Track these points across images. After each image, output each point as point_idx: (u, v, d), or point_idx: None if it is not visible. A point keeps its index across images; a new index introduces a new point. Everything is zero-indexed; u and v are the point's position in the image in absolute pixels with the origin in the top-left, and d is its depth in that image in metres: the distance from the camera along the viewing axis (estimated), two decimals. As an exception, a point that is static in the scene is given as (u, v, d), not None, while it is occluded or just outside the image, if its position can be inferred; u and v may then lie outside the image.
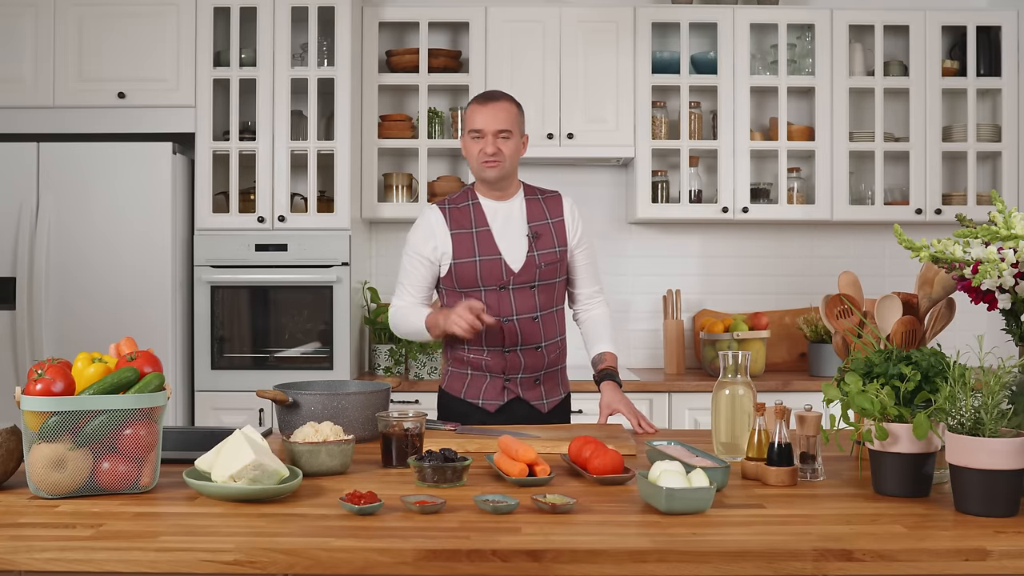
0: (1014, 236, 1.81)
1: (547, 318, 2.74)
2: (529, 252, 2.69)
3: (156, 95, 3.99)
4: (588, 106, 4.18)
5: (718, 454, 2.17)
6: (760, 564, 1.45)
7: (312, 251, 3.97)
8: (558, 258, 2.73)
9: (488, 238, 2.70)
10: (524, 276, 2.68)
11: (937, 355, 1.83)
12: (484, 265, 2.67)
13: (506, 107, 2.66)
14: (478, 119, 2.65)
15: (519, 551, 1.47)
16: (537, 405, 2.75)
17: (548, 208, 2.77)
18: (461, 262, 2.68)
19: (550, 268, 2.71)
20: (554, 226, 2.74)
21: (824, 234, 4.53)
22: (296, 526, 1.60)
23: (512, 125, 2.66)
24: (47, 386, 1.76)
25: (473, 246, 2.69)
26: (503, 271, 2.67)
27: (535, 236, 2.70)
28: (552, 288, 2.74)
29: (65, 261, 3.83)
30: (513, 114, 2.67)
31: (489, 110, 2.65)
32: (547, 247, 2.71)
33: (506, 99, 2.68)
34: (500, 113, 2.64)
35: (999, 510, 1.64)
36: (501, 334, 2.67)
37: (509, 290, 2.68)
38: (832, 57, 4.21)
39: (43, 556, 1.47)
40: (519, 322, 2.69)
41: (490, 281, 2.68)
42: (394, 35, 4.48)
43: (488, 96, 2.68)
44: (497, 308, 2.67)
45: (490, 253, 2.68)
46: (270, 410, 3.91)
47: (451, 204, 2.75)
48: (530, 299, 2.70)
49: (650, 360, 4.52)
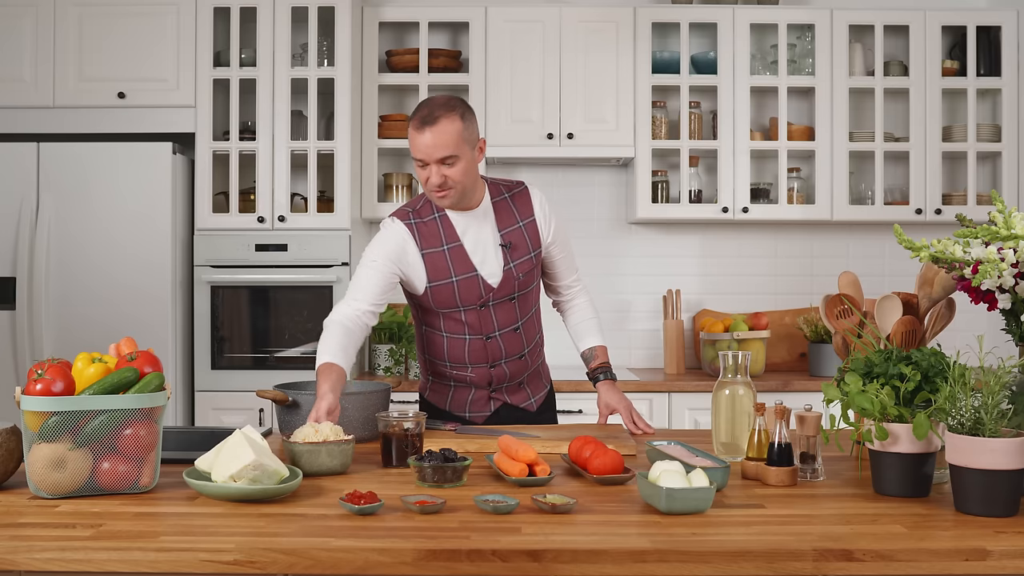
0: (1014, 236, 1.81)
1: (527, 324, 2.63)
2: (505, 266, 2.51)
3: (156, 95, 3.99)
4: (588, 106, 4.18)
5: (718, 454, 2.17)
6: (760, 564, 1.45)
7: (312, 251, 3.97)
8: (534, 263, 2.56)
9: (462, 255, 2.49)
10: (503, 291, 2.52)
11: (937, 355, 1.83)
12: (461, 285, 2.49)
13: (444, 129, 2.31)
14: (418, 147, 2.33)
15: (519, 551, 1.47)
16: (525, 406, 2.70)
17: (517, 208, 2.55)
18: (437, 284, 2.48)
19: (528, 276, 2.56)
20: (526, 228, 2.54)
21: (824, 234, 4.53)
22: (296, 526, 1.60)
23: (455, 147, 2.33)
24: (47, 386, 1.76)
25: (448, 265, 2.48)
26: (482, 288, 2.50)
27: (509, 247, 2.51)
28: (531, 294, 2.62)
29: (65, 261, 3.83)
30: (455, 134, 2.32)
31: (427, 137, 2.31)
32: (522, 255, 2.53)
33: (446, 117, 2.32)
34: (439, 139, 2.31)
35: (999, 510, 1.64)
36: (483, 353, 2.57)
37: (490, 307, 2.53)
38: (832, 57, 4.21)
39: (43, 556, 1.47)
40: (501, 337, 2.57)
41: (469, 300, 2.51)
42: (394, 35, 4.48)
43: (425, 120, 2.32)
44: (479, 326, 2.54)
45: (466, 271, 2.49)
46: (270, 410, 3.91)
47: (416, 218, 2.50)
48: (511, 312, 2.57)
49: (650, 360, 4.52)
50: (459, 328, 2.56)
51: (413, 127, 2.34)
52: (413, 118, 2.35)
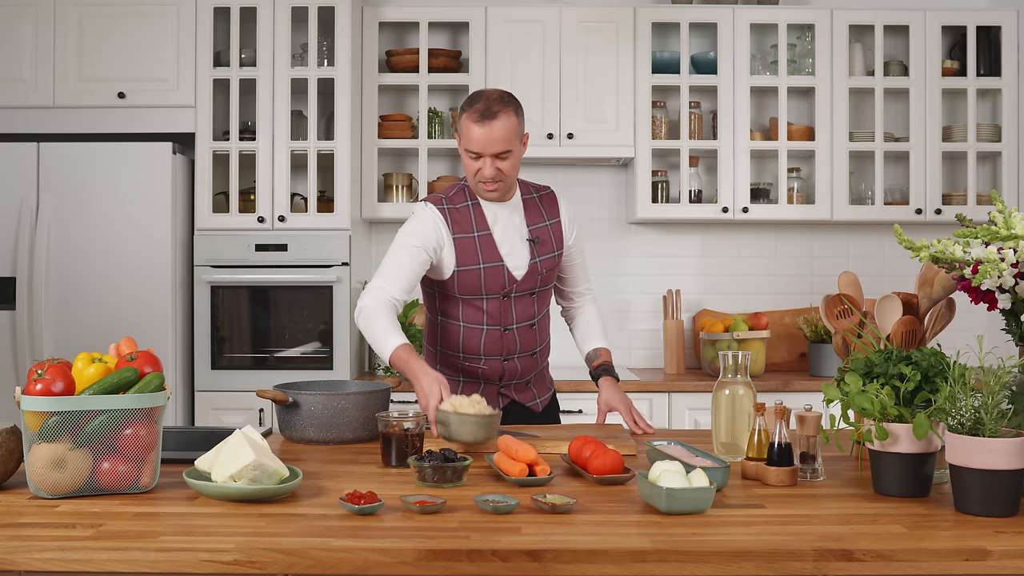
0: (1014, 236, 1.81)
1: (542, 322, 2.69)
2: (532, 259, 2.58)
3: (156, 95, 3.99)
4: (588, 106, 4.18)
5: (718, 454, 2.17)
6: (760, 564, 1.45)
7: (312, 251, 3.97)
8: (556, 262, 2.65)
9: (490, 243, 2.56)
10: (527, 284, 2.59)
11: (937, 355, 1.83)
12: (488, 273, 2.55)
13: (504, 123, 2.40)
14: (474, 140, 2.41)
15: (519, 551, 1.47)
16: (532, 406, 2.73)
17: (545, 208, 2.65)
18: (465, 269, 2.54)
19: (550, 273, 2.65)
20: (552, 228, 2.63)
21: (824, 234, 4.53)
22: (296, 526, 1.60)
23: (511, 142, 2.43)
24: (47, 386, 1.76)
25: (476, 252, 2.54)
26: (506, 279, 2.56)
27: (536, 241, 2.60)
28: (548, 293, 2.70)
29: (65, 261, 3.83)
30: (512, 128, 2.42)
31: (486, 131, 2.40)
32: (547, 252, 2.62)
33: (504, 112, 2.41)
34: (499, 132, 2.40)
35: (999, 510, 1.64)
36: (498, 345, 2.61)
37: (512, 298, 2.59)
38: (832, 57, 4.21)
39: (43, 556, 1.47)
40: (518, 330, 2.62)
41: (493, 289, 2.56)
42: (394, 35, 4.48)
43: (484, 114, 2.40)
44: (499, 317, 2.59)
45: (493, 260, 2.55)
46: (270, 410, 3.91)
47: (449, 204, 2.56)
48: (530, 306, 2.63)
49: (650, 360, 4.52)
50: (478, 317, 2.59)
51: (471, 119, 2.42)
52: (469, 110, 2.42)
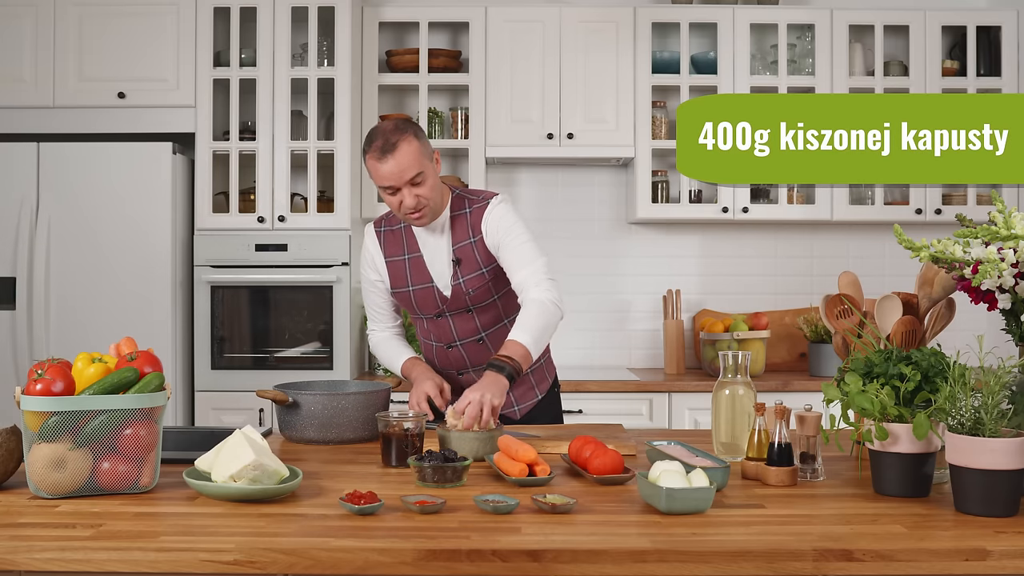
0: (1014, 236, 1.81)
1: (495, 335, 2.59)
2: (454, 280, 2.52)
3: (156, 95, 3.99)
4: (588, 106, 4.18)
5: (718, 454, 2.17)
6: (760, 564, 1.45)
7: (312, 251, 3.97)
8: (488, 278, 2.53)
9: (420, 265, 2.56)
10: (456, 303, 2.55)
11: (937, 355, 1.83)
12: (418, 294, 2.57)
13: (406, 150, 2.34)
14: (384, 176, 2.35)
15: (519, 551, 1.47)
16: (508, 413, 2.66)
17: (472, 224, 2.52)
18: (397, 291, 2.60)
19: (481, 291, 2.53)
20: (475, 245, 2.51)
21: (824, 234, 4.53)
22: (296, 526, 1.60)
23: (420, 164, 2.36)
24: (47, 386, 1.76)
25: (406, 274, 2.57)
26: (437, 299, 2.55)
27: (457, 262, 2.52)
28: (494, 306, 2.58)
29: (65, 261, 3.83)
30: (415, 152, 2.36)
31: (392, 164, 2.34)
32: (472, 271, 2.52)
33: (403, 140, 2.35)
34: (404, 160, 2.34)
35: (999, 510, 1.64)
36: (447, 360, 2.63)
37: (447, 316, 2.58)
38: (832, 57, 4.21)
39: (43, 556, 1.47)
40: (464, 346, 2.60)
41: (426, 310, 2.58)
42: (394, 35, 4.48)
43: (384, 148, 2.34)
44: (440, 335, 2.61)
45: (423, 281, 2.56)
46: (270, 410, 3.91)
47: (386, 226, 2.61)
48: (470, 322, 2.58)
49: (650, 360, 4.51)
50: (426, 334, 2.67)
51: (374, 158, 2.36)
52: (370, 151, 2.37)
